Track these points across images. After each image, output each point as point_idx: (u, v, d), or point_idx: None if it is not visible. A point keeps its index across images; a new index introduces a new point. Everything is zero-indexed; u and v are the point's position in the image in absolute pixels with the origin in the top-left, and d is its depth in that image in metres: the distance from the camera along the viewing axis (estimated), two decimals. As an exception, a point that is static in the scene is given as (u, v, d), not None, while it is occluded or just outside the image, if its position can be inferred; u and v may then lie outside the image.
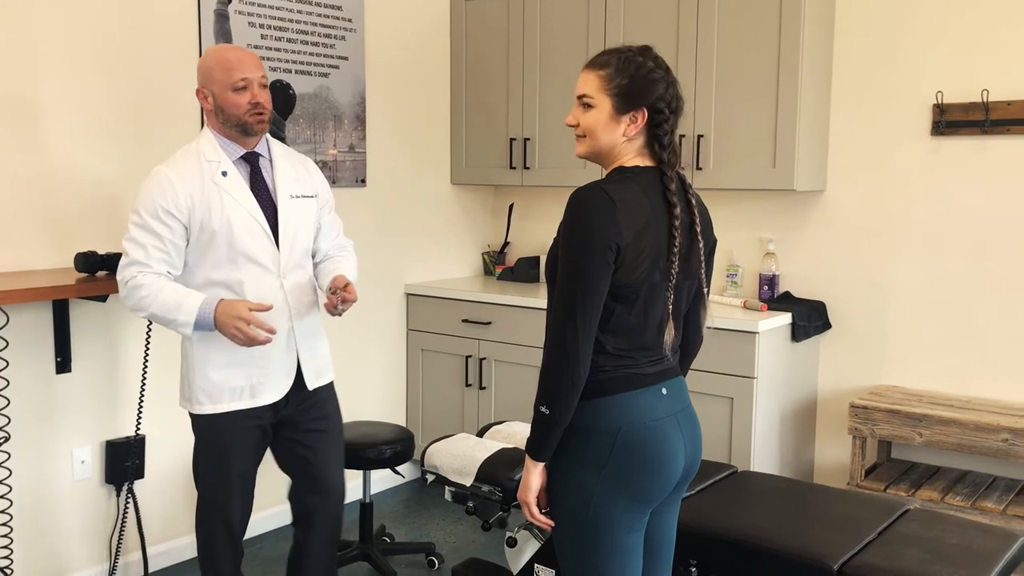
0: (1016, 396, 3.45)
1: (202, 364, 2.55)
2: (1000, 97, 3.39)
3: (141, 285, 2.43)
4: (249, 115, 2.49)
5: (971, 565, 2.24)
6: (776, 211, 3.92)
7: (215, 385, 2.55)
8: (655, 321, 1.91)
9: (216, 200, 2.48)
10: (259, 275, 2.53)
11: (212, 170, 2.50)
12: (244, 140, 2.55)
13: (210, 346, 2.53)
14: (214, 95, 2.49)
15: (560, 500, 1.93)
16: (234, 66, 2.47)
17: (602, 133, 1.91)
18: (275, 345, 2.54)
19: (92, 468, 3.27)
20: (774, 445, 3.63)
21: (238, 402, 2.56)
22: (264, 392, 2.57)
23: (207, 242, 2.48)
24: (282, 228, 2.56)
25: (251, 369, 2.55)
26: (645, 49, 1.93)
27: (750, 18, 3.58)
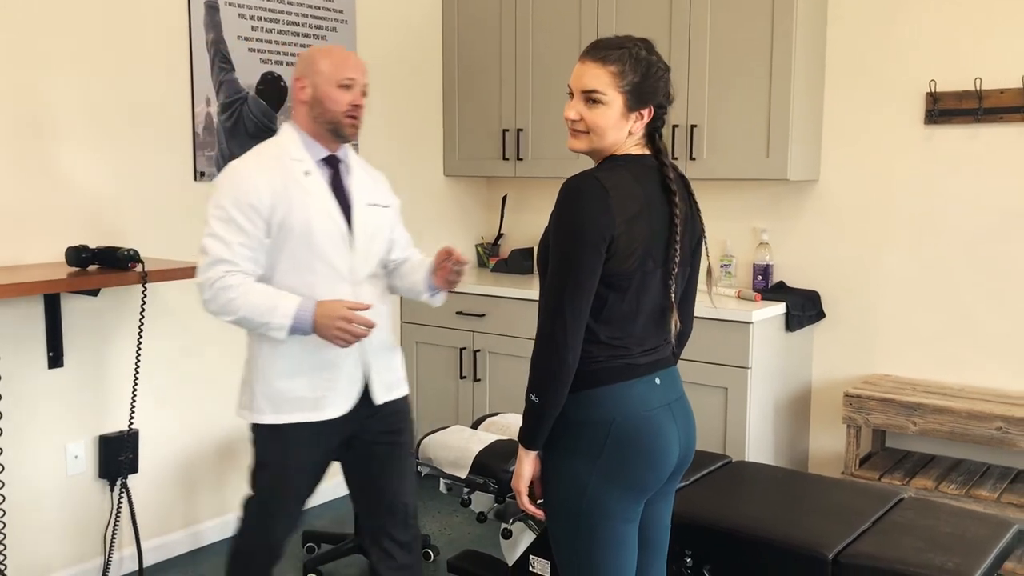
0: (1010, 384, 3.45)
1: (267, 371, 2.40)
2: (993, 85, 3.38)
3: (230, 286, 2.28)
4: (346, 115, 2.38)
5: (965, 553, 2.24)
6: (770, 201, 3.92)
7: (279, 394, 2.39)
8: (648, 309, 1.91)
9: (298, 199, 2.34)
10: (334, 280, 2.39)
11: (295, 169, 2.37)
12: (330, 142, 2.43)
13: (278, 351, 2.39)
14: (315, 86, 2.37)
15: (554, 491, 1.93)
16: (345, 63, 2.38)
17: (610, 131, 1.88)
18: (344, 355, 2.40)
19: (85, 463, 3.26)
20: (768, 435, 3.63)
21: (301, 413, 2.39)
22: (330, 405, 2.40)
23: (284, 242, 2.34)
24: (358, 234, 2.43)
25: (317, 380, 2.39)
26: (648, 43, 1.92)
27: (743, 7, 3.56)
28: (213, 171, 3.54)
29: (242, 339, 3.68)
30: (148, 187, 3.37)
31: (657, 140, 1.94)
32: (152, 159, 3.37)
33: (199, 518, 3.65)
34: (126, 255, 2.93)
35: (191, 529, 3.62)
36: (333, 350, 2.38)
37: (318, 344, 2.36)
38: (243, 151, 3.59)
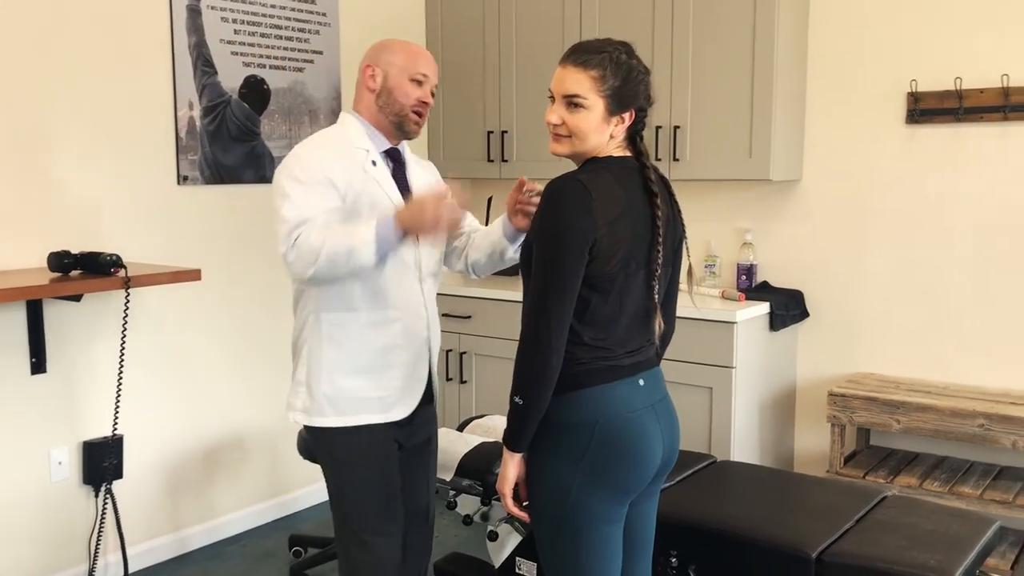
0: (992, 381, 3.48)
1: (329, 369, 2.26)
2: (973, 85, 3.40)
3: (308, 234, 2.10)
4: (412, 110, 2.29)
5: (947, 550, 2.26)
6: (753, 201, 3.94)
7: (342, 394, 2.26)
8: (631, 311, 1.92)
9: (364, 189, 2.23)
10: (401, 272, 2.27)
11: (361, 158, 2.26)
12: (392, 135, 2.33)
13: (341, 348, 2.26)
14: (387, 76, 2.27)
15: (539, 493, 1.93)
16: (420, 57, 2.29)
17: (592, 135, 1.89)
18: (412, 352, 2.30)
19: (70, 469, 3.25)
20: (753, 434, 3.64)
21: (367, 415, 2.28)
22: (395, 406, 2.30)
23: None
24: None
25: (383, 379, 2.28)
26: (628, 47, 1.93)
27: (725, 9, 3.58)
28: (196, 175, 3.54)
29: (228, 345, 3.69)
30: (131, 192, 3.36)
31: (638, 142, 1.96)
32: (135, 163, 3.36)
33: (184, 523, 3.64)
34: (109, 260, 2.92)
35: (177, 534, 3.61)
36: (403, 348, 2.28)
37: (389, 339, 2.26)
38: (226, 155, 3.64)
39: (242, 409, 3.81)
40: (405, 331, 2.29)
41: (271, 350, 3.86)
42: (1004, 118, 3.35)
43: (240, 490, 3.84)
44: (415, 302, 2.31)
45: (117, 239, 3.30)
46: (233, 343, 3.74)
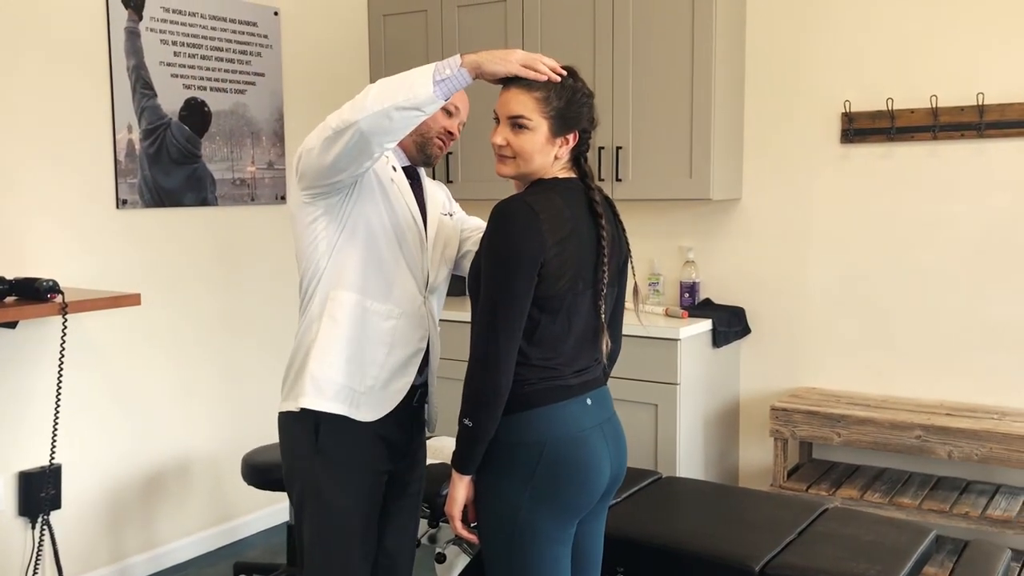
0: (929, 394, 3.57)
1: (322, 346, 2.14)
2: (904, 105, 3.51)
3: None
4: (437, 137, 2.25)
5: (885, 560, 2.31)
6: (694, 220, 4.00)
7: (327, 374, 2.14)
8: (579, 331, 1.93)
9: (387, 192, 2.18)
10: (407, 278, 2.21)
11: (383, 163, 2.22)
12: (413, 155, 2.30)
13: (336, 324, 2.14)
14: None
15: (487, 513, 1.94)
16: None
17: (537, 156, 1.91)
18: (394, 356, 2.19)
19: (5, 500, 3.16)
20: (698, 450, 3.68)
21: (339, 404, 2.14)
22: (363, 406, 2.16)
23: (367, 228, 2.16)
24: (432, 243, 2.28)
25: (360, 370, 2.15)
26: (572, 71, 1.96)
27: (664, 33, 3.64)
28: (136, 198, 3.49)
29: (169, 371, 3.63)
30: (69, 216, 3.30)
31: (583, 164, 1.98)
32: (73, 187, 3.30)
33: (126, 553, 3.56)
34: (45, 286, 2.86)
35: (118, 565, 3.53)
36: (396, 347, 2.17)
37: (374, 335, 2.15)
38: (167, 178, 3.60)
39: (184, 436, 3.74)
40: (399, 332, 2.19)
41: (213, 375, 3.81)
42: (934, 137, 3.46)
43: (184, 518, 3.77)
44: (417, 308, 2.23)
45: (54, 264, 3.24)
46: (174, 369, 3.68)
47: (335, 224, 2.16)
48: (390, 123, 1.96)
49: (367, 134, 1.96)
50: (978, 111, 3.37)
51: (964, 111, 3.40)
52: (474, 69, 1.95)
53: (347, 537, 2.18)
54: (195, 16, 3.67)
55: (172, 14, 3.58)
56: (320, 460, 2.16)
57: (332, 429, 2.15)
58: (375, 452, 2.21)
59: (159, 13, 3.53)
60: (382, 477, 2.24)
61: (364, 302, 2.16)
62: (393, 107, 1.95)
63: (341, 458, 2.16)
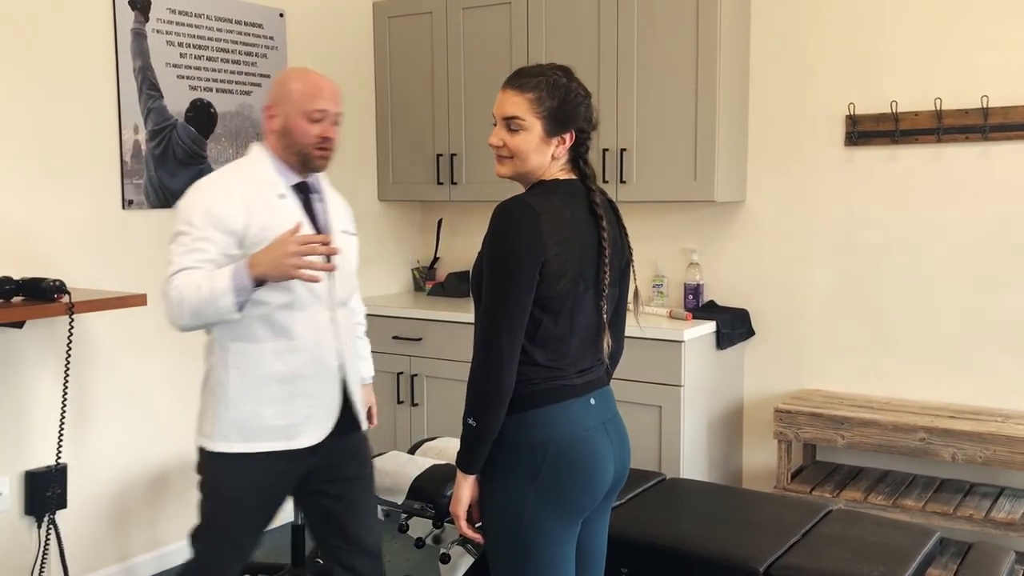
0: (932, 395, 3.57)
1: (236, 397, 2.26)
2: (908, 108, 3.51)
3: (176, 283, 2.14)
4: (315, 148, 2.30)
5: (890, 562, 2.31)
6: (698, 222, 4.00)
7: (248, 420, 2.26)
8: (581, 331, 1.94)
9: (272, 222, 2.23)
10: (310, 302, 2.29)
11: (268, 192, 2.28)
12: (300, 170, 2.35)
13: (247, 376, 2.27)
14: (285, 116, 2.29)
15: (492, 513, 1.94)
16: (315, 94, 2.28)
17: (532, 155, 1.93)
18: (321, 382, 2.32)
19: (11, 500, 3.17)
20: (702, 452, 3.69)
21: (272, 442, 2.26)
22: (302, 433, 2.29)
23: None
24: (335, 260, 2.28)
25: (290, 407, 2.28)
26: (565, 69, 1.97)
27: (668, 35, 3.65)
28: (142, 199, 3.50)
29: (175, 371, 3.64)
30: (75, 216, 3.31)
31: (582, 165, 1.98)
32: (79, 188, 3.31)
33: (131, 552, 3.57)
34: (52, 286, 2.87)
35: (123, 564, 3.54)
36: (311, 378, 2.29)
37: (292, 369, 2.27)
38: (173, 179, 3.61)
39: (190, 436, 3.74)
40: (313, 361, 2.29)
41: (219, 375, 3.81)
42: (937, 140, 3.46)
43: (189, 518, 3.76)
44: (324, 333, 2.31)
45: (61, 264, 3.25)
46: (180, 369, 3.68)
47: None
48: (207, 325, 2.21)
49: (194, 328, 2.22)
50: (982, 114, 3.37)
51: (968, 114, 3.40)
52: (261, 278, 2.12)
53: (236, 523, 2.33)
54: (201, 17, 3.68)
55: (178, 16, 3.60)
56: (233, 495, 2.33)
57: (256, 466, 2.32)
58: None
59: (165, 15, 3.55)
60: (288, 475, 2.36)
61: (266, 347, 2.27)
62: (205, 321, 2.18)
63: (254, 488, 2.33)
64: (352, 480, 2.44)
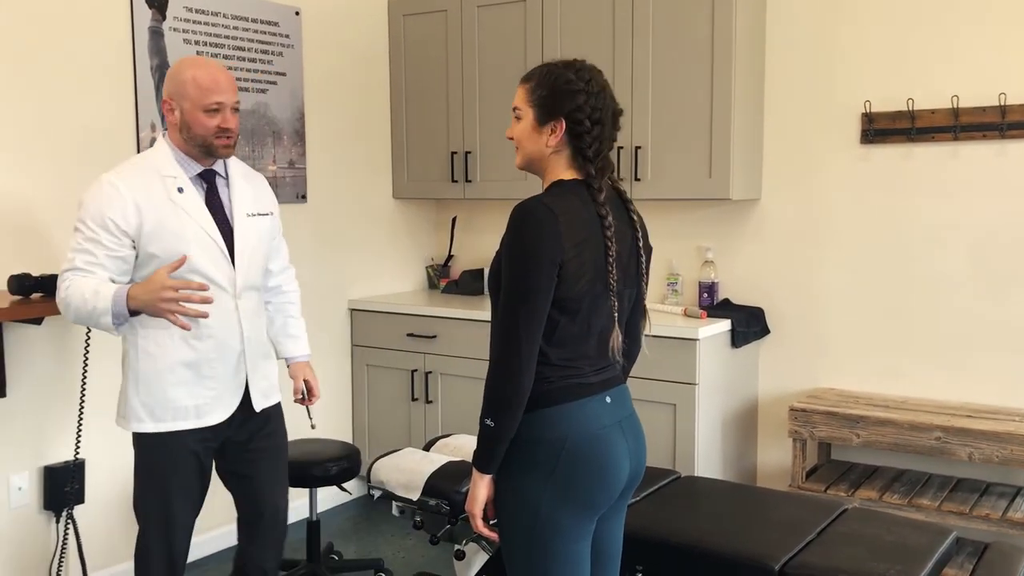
0: (948, 395, 3.55)
1: (147, 380, 2.45)
2: (924, 105, 3.50)
3: (67, 285, 2.33)
4: (216, 138, 2.41)
5: (906, 561, 2.30)
6: (713, 220, 4.00)
7: (158, 402, 2.45)
8: (598, 331, 1.94)
9: (170, 216, 2.38)
10: (215, 291, 2.42)
11: (168, 186, 2.40)
12: (203, 159, 2.47)
13: (156, 360, 2.44)
14: (183, 111, 2.39)
15: (508, 510, 1.95)
16: (210, 88, 2.37)
17: (527, 143, 1.97)
18: (225, 365, 2.49)
19: (30, 495, 3.20)
20: (717, 450, 3.68)
21: (183, 422, 2.46)
22: (211, 412, 2.49)
23: (159, 260, 2.36)
24: (238, 247, 2.49)
25: (198, 388, 2.47)
26: (571, 62, 1.97)
27: (684, 33, 3.65)
28: (159, 196, 3.52)
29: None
30: (92, 213, 3.33)
31: (582, 161, 1.95)
32: (96, 185, 3.33)
33: (148, 548, 3.59)
34: (70, 283, 2.90)
35: (139, 559, 3.56)
36: (215, 362, 2.47)
37: (199, 354, 2.45)
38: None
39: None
40: (218, 345, 2.47)
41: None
42: (954, 138, 3.45)
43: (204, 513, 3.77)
44: (228, 318, 2.48)
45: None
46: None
47: (127, 272, 2.42)
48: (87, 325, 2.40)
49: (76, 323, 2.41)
50: (1000, 111, 3.36)
51: (986, 111, 3.38)
52: (137, 310, 2.30)
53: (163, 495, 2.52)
54: (218, 16, 3.70)
55: (195, 14, 3.61)
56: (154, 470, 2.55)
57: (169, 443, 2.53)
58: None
59: (182, 13, 3.56)
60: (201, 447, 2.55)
61: (174, 332, 2.42)
62: (89, 326, 2.41)
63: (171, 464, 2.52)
64: (259, 451, 2.63)
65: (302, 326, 2.88)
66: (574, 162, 1.96)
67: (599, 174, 1.95)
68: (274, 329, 2.82)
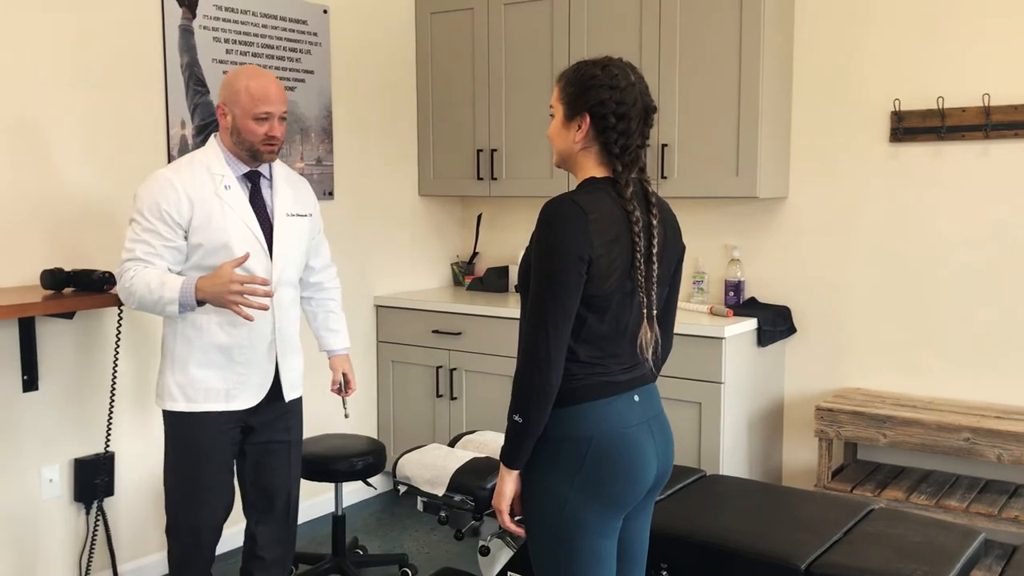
0: (977, 395, 3.52)
1: (183, 361, 2.60)
2: (955, 104, 3.47)
3: (131, 276, 2.49)
4: (262, 144, 2.58)
5: (933, 562, 2.29)
6: (740, 218, 3.98)
7: (193, 384, 2.60)
8: (627, 329, 1.94)
9: (217, 211, 2.55)
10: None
11: (216, 182, 2.58)
12: (250, 161, 2.64)
13: (192, 343, 2.60)
14: (234, 116, 2.56)
15: (534, 506, 1.96)
16: (261, 98, 2.54)
17: (558, 139, 1.99)
18: (256, 352, 2.64)
19: (61, 487, 3.25)
20: (742, 449, 3.67)
21: (214, 403, 2.61)
22: (239, 397, 2.64)
23: (203, 250, 2.54)
24: (277, 244, 2.64)
25: (229, 373, 2.62)
26: (602, 59, 1.96)
27: (712, 30, 3.64)
28: (188, 193, 3.56)
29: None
30: (123, 209, 3.36)
31: (609, 157, 1.95)
32: (127, 181, 3.37)
33: (176, 540, 3.63)
34: (101, 277, 2.94)
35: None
36: (247, 348, 2.61)
37: (233, 340, 2.59)
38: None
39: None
40: (251, 334, 2.62)
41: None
42: (985, 136, 3.41)
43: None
44: (264, 311, 2.56)
45: (110, 257, 3.31)
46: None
47: (181, 262, 2.59)
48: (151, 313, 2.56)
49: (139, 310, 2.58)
50: (1032, 110, 3.32)
51: (1017, 110, 3.35)
52: (204, 301, 2.47)
53: (192, 472, 2.67)
54: (247, 14, 3.73)
55: (225, 12, 3.65)
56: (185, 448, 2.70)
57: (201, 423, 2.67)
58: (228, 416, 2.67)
59: (212, 11, 3.60)
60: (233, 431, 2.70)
61: (212, 319, 2.58)
62: (148, 312, 2.56)
63: (201, 442, 2.67)
64: (278, 443, 2.76)
65: (343, 321, 3.05)
66: (603, 158, 1.96)
67: (626, 170, 1.95)
68: (316, 324, 3.01)
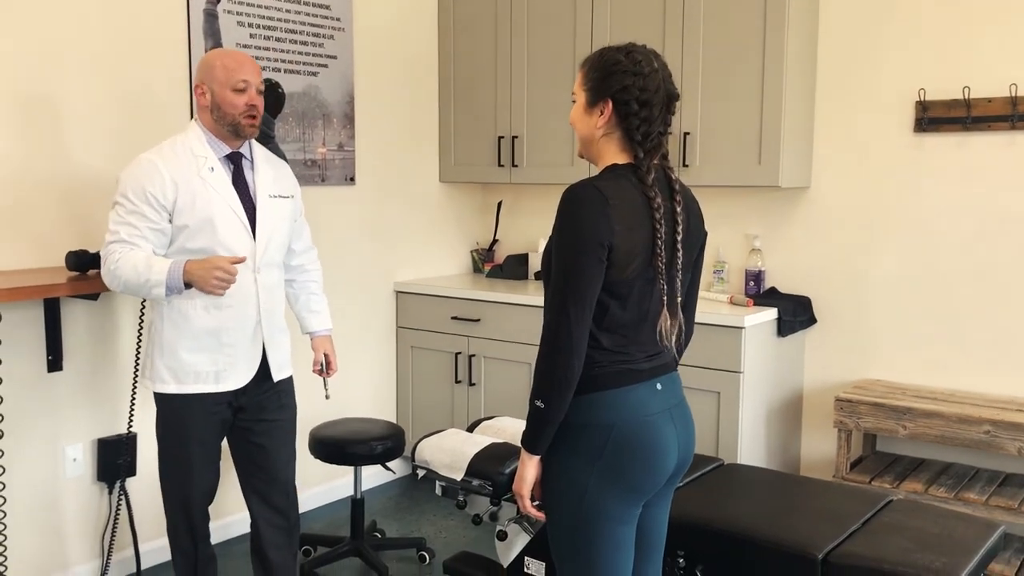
0: (998, 388, 3.50)
1: (172, 346, 2.62)
2: (981, 94, 3.43)
3: (116, 259, 2.51)
4: (243, 116, 2.59)
5: (952, 553, 2.28)
6: (761, 207, 3.97)
7: (183, 367, 2.62)
8: (649, 316, 1.94)
9: (201, 193, 2.57)
10: (238, 266, 2.58)
11: (199, 164, 2.59)
12: (232, 140, 2.65)
13: (180, 328, 2.61)
14: (213, 92, 2.58)
15: (554, 492, 1.96)
16: (237, 68, 2.58)
17: (580, 125, 1.99)
18: (243, 334, 2.66)
19: (84, 466, 3.29)
20: (761, 438, 3.67)
21: (203, 385, 2.64)
22: (228, 378, 2.66)
23: (188, 231, 2.55)
24: (260, 225, 2.66)
25: (217, 355, 2.63)
26: (626, 46, 1.96)
27: (735, 17, 3.61)
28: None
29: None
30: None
31: (631, 144, 1.94)
32: (151, 165, 3.40)
33: (196, 521, 3.67)
34: (126, 260, 2.96)
35: (188, 532, 3.64)
36: (234, 330, 2.63)
37: (219, 322, 2.61)
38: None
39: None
40: (236, 315, 2.64)
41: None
42: (1012, 127, 3.38)
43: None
44: (247, 291, 2.64)
45: (133, 239, 3.34)
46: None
47: (165, 245, 2.59)
48: (136, 295, 2.62)
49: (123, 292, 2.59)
50: (1060, 101, 3.29)
51: (1045, 101, 3.31)
52: (190, 284, 2.49)
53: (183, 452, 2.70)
54: (271, -1, 3.74)
55: (249, -3, 3.66)
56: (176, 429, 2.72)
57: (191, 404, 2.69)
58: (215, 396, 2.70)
59: (236, -4, 3.61)
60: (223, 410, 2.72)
61: (197, 302, 2.60)
62: (132, 294, 2.61)
63: (193, 423, 2.69)
64: (272, 422, 2.78)
65: (324, 302, 3.05)
66: (625, 145, 1.96)
67: (648, 156, 1.94)
68: (298, 305, 3.02)
